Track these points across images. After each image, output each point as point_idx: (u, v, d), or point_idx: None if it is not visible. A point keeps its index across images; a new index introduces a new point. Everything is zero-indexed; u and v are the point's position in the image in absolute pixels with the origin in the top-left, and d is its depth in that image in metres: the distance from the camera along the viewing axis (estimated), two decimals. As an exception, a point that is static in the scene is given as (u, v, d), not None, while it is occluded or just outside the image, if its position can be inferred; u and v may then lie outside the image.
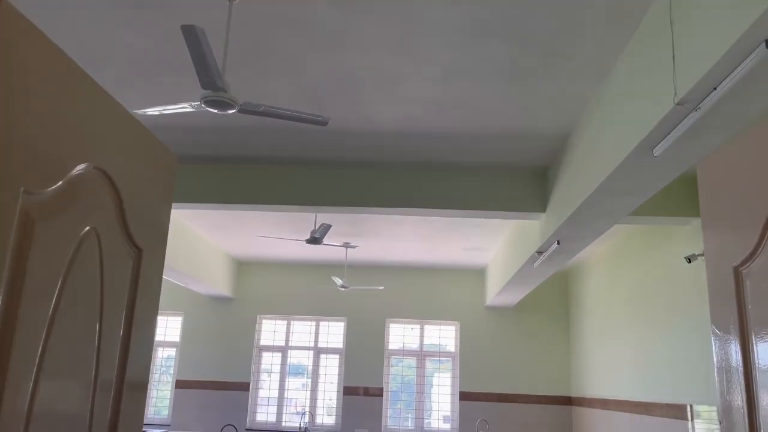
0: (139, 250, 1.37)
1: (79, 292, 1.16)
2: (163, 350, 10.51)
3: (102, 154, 1.18)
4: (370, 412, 10.04)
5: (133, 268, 1.36)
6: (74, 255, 1.12)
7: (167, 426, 9.77)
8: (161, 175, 1.46)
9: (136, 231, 1.33)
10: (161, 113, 3.28)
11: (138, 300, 1.37)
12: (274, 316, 10.60)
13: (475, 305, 10.51)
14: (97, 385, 1.24)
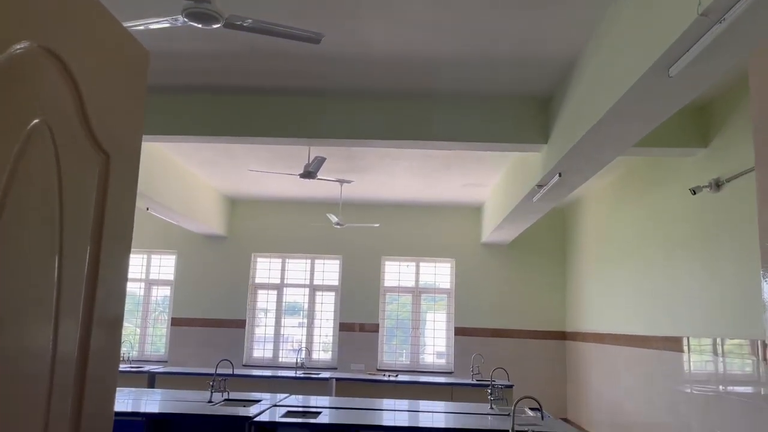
0: (105, 155, 1.18)
1: (32, 202, 0.98)
2: (158, 289, 10.45)
3: (50, 33, 0.98)
4: (365, 348, 10.11)
5: (100, 177, 1.17)
6: (20, 153, 0.93)
7: (164, 362, 9.82)
8: (130, 70, 1.25)
9: (101, 131, 1.14)
10: (139, 29, 3.02)
11: (108, 216, 1.19)
12: (268, 254, 10.51)
13: (471, 243, 10.44)
14: (60, 316, 1.07)
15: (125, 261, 1.28)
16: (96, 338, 1.17)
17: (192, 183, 8.71)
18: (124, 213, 1.27)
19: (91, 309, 1.16)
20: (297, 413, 4.91)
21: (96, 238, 1.17)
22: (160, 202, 7.61)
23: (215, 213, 9.73)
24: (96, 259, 1.17)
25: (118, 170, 1.23)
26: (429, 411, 5.22)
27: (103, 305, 1.18)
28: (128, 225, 1.27)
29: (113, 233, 1.21)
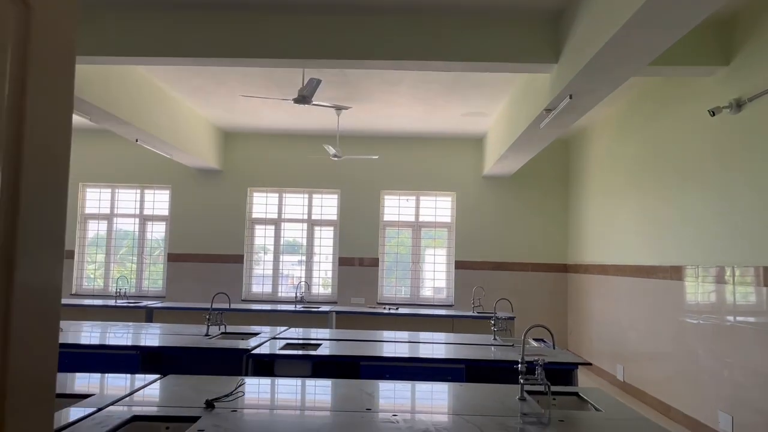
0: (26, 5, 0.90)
1: None
2: (153, 224, 10.25)
3: None
4: (365, 283, 10.01)
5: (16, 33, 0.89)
6: None
7: (162, 298, 9.74)
8: None
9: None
10: None
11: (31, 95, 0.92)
12: (265, 188, 10.26)
13: (473, 175, 10.18)
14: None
15: (61, 159, 1.01)
16: (25, 267, 0.93)
17: (182, 113, 8.35)
18: (54, 87, 0.99)
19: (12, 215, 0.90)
20: (296, 345, 4.78)
21: (15, 119, 0.90)
22: (148, 132, 7.28)
23: (209, 146, 9.41)
24: (17, 147, 0.90)
25: (45, 28, 0.95)
26: (431, 342, 5.10)
27: (27, 211, 0.92)
28: (63, 106, 1.00)
29: (39, 114, 0.95)
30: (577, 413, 2.85)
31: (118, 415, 2.47)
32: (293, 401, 2.90)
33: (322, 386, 3.26)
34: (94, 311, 7.74)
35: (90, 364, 4.43)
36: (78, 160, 10.06)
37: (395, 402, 2.89)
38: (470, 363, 4.24)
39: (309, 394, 3.01)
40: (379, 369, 4.23)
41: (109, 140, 9.76)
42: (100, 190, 10.20)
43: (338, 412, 2.65)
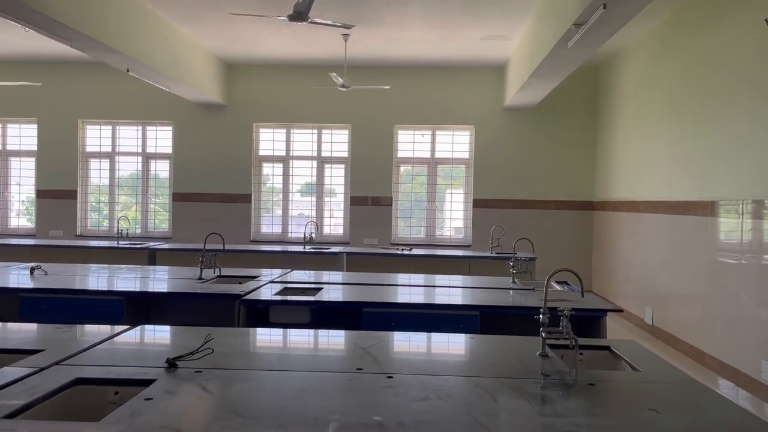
0: None
1: None
2: (156, 162, 9.84)
3: None
4: (378, 223, 9.57)
5: None
6: None
7: (169, 239, 9.43)
8: None
9: None
10: None
11: None
12: (271, 124, 9.72)
13: (493, 107, 9.51)
14: None
15: None
16: None
17: (178, 41, 7.76)
18: None
19: None
20: (295, 290, 4.37)
21: None
22: (140, 61, 6.74)
23: (210, 78, 8.84)
24: None
25: None
26: (444, 286, 4.66)
27: None
28: None
29: None
30: (610, 374, 2.39)
31: (61, 377, 2.07)
32: (271, 359, 2.48)
33: (310, 340, 2.84)
34: (96, 253, 7.44)
35: (68, 311, 4.07)
36: (76, 96, 9.60)
37: (394, 359, 2.46)
38: (485, 310, 3.79)
39: (292, 351, 2.59)
40: (384, 317, 3.81)
41: (108, 74, 9.24)
42: (100, 127, 9.77)
43: (322, 373, 2.21)
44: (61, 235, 9.53)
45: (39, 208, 9.71)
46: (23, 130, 9.81)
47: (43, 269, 4.89)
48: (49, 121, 9.65)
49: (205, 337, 2.35)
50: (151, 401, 1.85)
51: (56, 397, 1.96)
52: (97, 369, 2.19)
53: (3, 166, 9.87)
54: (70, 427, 1.64)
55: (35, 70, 9.35)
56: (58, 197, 9.66)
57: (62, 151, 9.64)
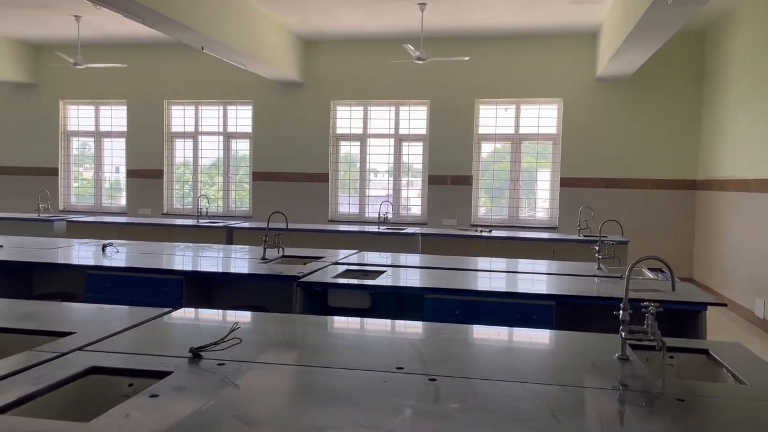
0: None
1: None
2: (237, 142, 9.92)
3: None
4: (458, 203, 9.19)
5: None
6: None
7: (249, 218, 9.51)
8: None
9: None
10: None
11: None
12: (348, 101, 9.52)
13: (583, 78, 8.81)
14: None
15: None
16: None
17: (252, 18, 7.68)
18: None
19: None
20: (357, 273, 4.13)
21: None
22: (214, 38, 6.70)
23: (287, 55, 8.74)
24: None
25: None
26: (521, 272, 4.26)
27: None
28: None
29: None
30: (706, 386, 1.96)
31: (77, 365, 1.92)
32: (304, 352, 2.23)
33: (356, 330, 2.57)
34: (177, 231, 7.58)
35: (131, 289, 4.05)
36: (161, 77, 9.82)
37: (442, 357, 2.14)
38: (562, 299, 3.38)
39: (331, 343, 2.33)
40: (448, 305, 3.49)
41: (190, 55, 9.37)
42: (184, 108, 9.97)
43: (357, 372, 1.94)
44: (149, 213, 9.85)
45: (129, 186, 10.08)
46: (114, 112, 10.19)
47: (115, 247, 4.94)
48: (137, 103, 9.96)
49: (231, 326, 2.13)
50: (155, 399, 1.65)
51: (67, 386, 1.81)
52: (118, 357, 2.03)
53: (97, 146, 10.32)
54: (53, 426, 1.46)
55: (123, 52, 9.65)
56: (146, 176, 9.98)
57: (149, 131, 9.93)
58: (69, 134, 10.31)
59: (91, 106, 10.22)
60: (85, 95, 10.13)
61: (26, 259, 4.30)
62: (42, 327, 2.38)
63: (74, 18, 8.20)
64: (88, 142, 10.35)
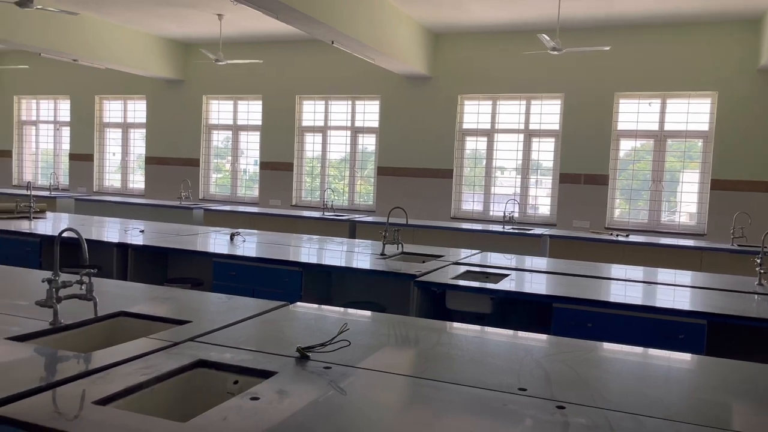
0: None
1: None
2: (363, 137, 9.98)
3: None
4: (592, 203, 8.58)
5: None
6: None
7: (372, 212, 9.54)
8: None
9: None
10: None
11: None
12: (477, 95, 9.22)
13: (742, 69, 7.85)
14: None
15: None
16: None
17: (382, 11, 7.64)
18: None
19: None
20: (478, 274, 3.90)
21: None
22: (345, 33, 6.73)
23: (415, 48, 8.62)
24: None
25: None
26: (665, 283, 3.80)
27: None
28: None
29: None
30: None
31: (186, 356, 1.89)
32: (417, 361, 2.06)
33: (475, 339, 2.35)
34: (303, 223, 7.76)
35: (254, 279, 4.12)
36: (293, 73, 10.11)
37: (573, 379, 1.87)
38: (715, 318, 2.94)
39: (446, 353, 2.13)
40: (580, 316, 3.16)
41: (321, 50, 9.55)
42: (314, 102, 10.20)
43: (473, 389, 1.73)
44: (279, 204, 10.21)
45: (262, 178, 10.51)
46: (251, 106, 10.67)
47: (242, 236, 5.09)
48: (271, 98, 10.34)
49: (340, 327, 2.01)
50: (255, 403, 1.55)
51: (174, 379, 1.78)
52: (227, 351, 1.98)
53: (234, 139, 10.87)
54: (153, 424, 1.40)
55: (259, 49, 10.05)
56: (278, 169, 10.35)
57: (282, 125, 10.27)
58: (210, 127, 10.96)
59: (230, 101, 10.77)
60: (225, 90, 10.70)
61: (163, 245, 4.53)
62: (162, 314, 2.42)
63: (217, 16, 8.65)
64: (227, 135, 10.93)
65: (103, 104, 11.75)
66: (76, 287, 2.16)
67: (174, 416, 1.51)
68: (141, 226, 5.63)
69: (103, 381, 1.65)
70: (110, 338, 2.28)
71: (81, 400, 1.52)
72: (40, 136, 12.43)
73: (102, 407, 1.48)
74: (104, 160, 11.82)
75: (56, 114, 12.20)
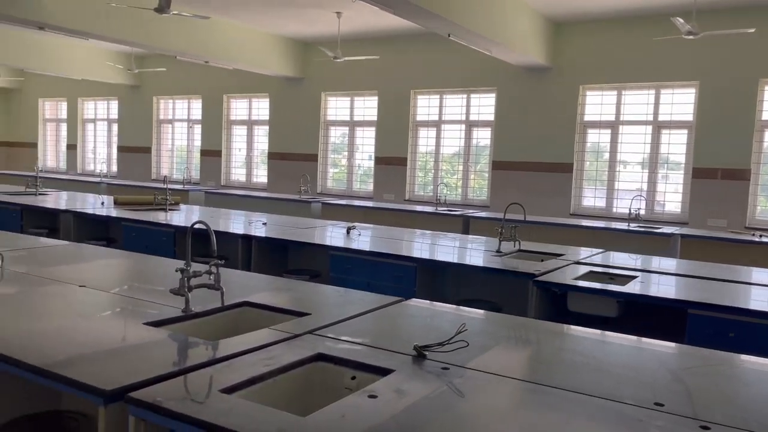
0: None
1: None
2: (478, 131, 9.81)
3: None
4: (730, 200, 7.86)
5: None
6: None
7: (486, 207, 9.36)
8: None
9: None
10: None
11: None
12: (600, 85, 8.74)
13: None
14: None
15: None
16: None
17: (502, 2, 7.43)
18: None
19: None
20: (602, 275, 3.68)
21: None
22: (462, 25, 6.62)
23: (534, 38, 8.32)
24: None
25: None
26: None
27: None
28: None
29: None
30: None
31: (306, 349, 1.93)
32: (538, 366, 1.95)
33: (597, 345, 2.20)
34: (415, 217, 7.77)
35: (368, 272, 4.15)
36: (408, 68, 10.13)
37: (719, 395, 1.69)
38: None
39: (565, 359, 2.00)
40: (719, 324, 2.89)
41: (436, 44, 9.49)
42: (429, 97, 10.16)
43: (599, 400, 1.61)
44: (393, 198, 10.30)
45: (376, 173, 10.66)
46: (366, 102, 10.84)
47: (358, 230, 5.16)
48: (386, 93, 10.44)
49: (458, 327, 1.95)
50: (373, 401, 1.54)
51: (294, 371, 1.81)
52: (345, 345, 1.99)
53: (351, 135, 11.10)
54: (274, 415, 1.43)
55: (375, 45, 10.16)
56: (391, 164, 10.43)
57: (396, 120, 10.34)
58: (328, 124, 11.27)
59: (347, 97, 11.01)
60: (342, 87, 10.95)
61: (284, 237, 4.70)
62: (283, 305, 2.48)
63: (336, 15, 8.85)
64: (344, 131, 11.19)
65: (231, 103, 12.45)
66: (206, 277, 2.27)
67: (293, 409, 1.53)
68: (264, 218, 5.89)
69: (229, 370, 1.71)
70: (235, 327, 2.37)
71: (209, 387, 1.58)
72: (175, 134, 13.40)
73: (228, 396, 1.53)
74: (231, 156, 12.53)
75: (189, 113, 13.10)
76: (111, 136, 14.29)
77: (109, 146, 14.36)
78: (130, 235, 5.32)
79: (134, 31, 8.40)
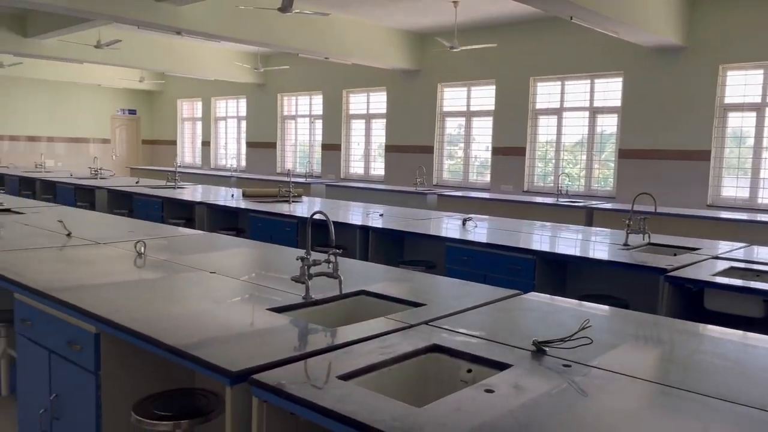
0: None
1: None
2: (602, 118, 9.30)
3: None
4: None
5: None
6: None
7: (612, 199, 8.86)
8: None
9: None
10: None
11: None
12: (744, 63, 7.95)
13: None
14: None
15: None
16: None
17: (629, -20, 6.97)
18: None
19: None
20: (745, 272, 3.36)
21: None
22: (584, 6, 6.29)
23: (667, 16, 7.73)
24: None
25: None
26: None
27: None
28: None
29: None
30: None
31: (422, 339, 1.92)
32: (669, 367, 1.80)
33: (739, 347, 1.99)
34: (535, 209, 7.53)
35: (485, 265, 4.08)
36: (527, 55, 9.81)
37: None
38: None
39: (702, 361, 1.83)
40: None
41: (557, 28, 9.10)
42: (549, 84, 9.78)
43: (741, 407, 1.46)
44: (511, 189, 10.05)
45: (494, 163, 10.45)
46: (483, 92, 10.64)
47: (474, 221, 5.09)
48: (504, 82, 10.18)
49: (581, 323, 1.85)
50: (490, 396, 1.50)
51: (409, 361, 1.81)
52: (461, 337, 1.96)
53: (467, 125, 10.97)
54: (390, 404, 1.43)
55: (493, 33, 9.92)
56: (509, 154, 10.18)
57: (515, 109, 10.06)
58: (444, 115, 11.20)
59: (463, 87, 10.88)
60: (458, 77, 10.83)
61: (400, 228, 4.74)
62: (399, 295, 2.50)
63: (452, 4, 8.75)
64: (460, 122, 11.07)
65: (349, 97, 12.75)
66: (324, 266, 2.33)
67: (408, 399, 1.53)
68: (380, 210, 5.97)
69: (346, 356, 1.74)
70: (352, 315, 2.42)
71: (327, 373, 1.62)
72: (298, 129, 13.97)
73: (345, 382, 1.56)
74: (350, 149, 12.85)
75: (311, 108, 13.59)
76: (240, 132, 15.18)
77: (238, 142, 15.27)
78: (257, 225, 5.62)
79: (260, 31, 8.84)
